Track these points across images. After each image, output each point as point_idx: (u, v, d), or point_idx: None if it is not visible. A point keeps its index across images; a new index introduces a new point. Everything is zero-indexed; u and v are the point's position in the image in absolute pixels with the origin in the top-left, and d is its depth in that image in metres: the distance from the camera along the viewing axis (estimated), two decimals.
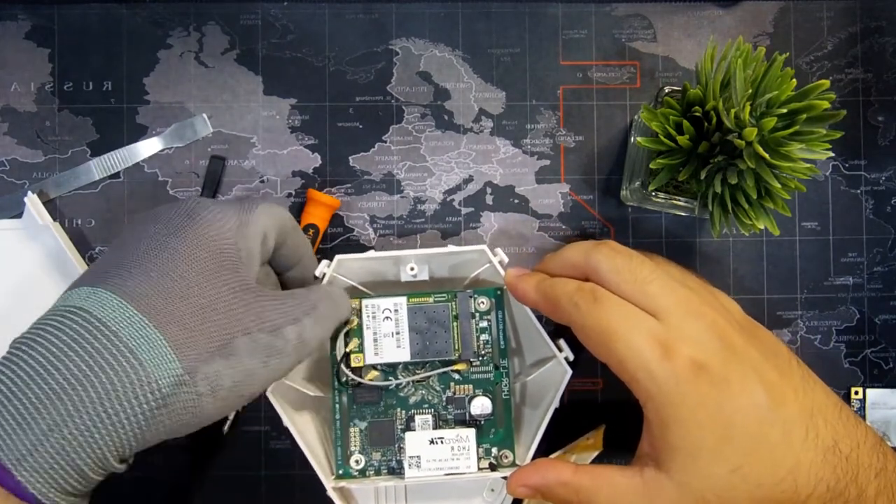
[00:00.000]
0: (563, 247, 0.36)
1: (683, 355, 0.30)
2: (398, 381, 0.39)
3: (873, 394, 0.44)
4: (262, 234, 0.34)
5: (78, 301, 0.28)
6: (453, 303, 0.39)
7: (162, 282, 0.29)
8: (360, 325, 0.39)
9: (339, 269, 0.39)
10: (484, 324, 0.39)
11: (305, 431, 0.39)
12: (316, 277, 0.38)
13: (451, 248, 0.39)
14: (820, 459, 0.30)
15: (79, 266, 0.42)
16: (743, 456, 0.30)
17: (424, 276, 0.40)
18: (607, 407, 0.44)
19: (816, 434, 0.30)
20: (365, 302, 0.39)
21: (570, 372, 0.38)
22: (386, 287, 0.41)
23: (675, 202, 0.40)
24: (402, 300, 0.39)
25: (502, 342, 0.39)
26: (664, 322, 0.31)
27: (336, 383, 0.39)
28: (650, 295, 0.32)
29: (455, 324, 0.39)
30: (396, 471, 0.39)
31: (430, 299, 0.39)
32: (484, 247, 0.38)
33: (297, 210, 0.44)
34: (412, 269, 0.39)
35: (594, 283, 0.33)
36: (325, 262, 0.39)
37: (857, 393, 0.44)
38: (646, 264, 0.33)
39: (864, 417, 0.44)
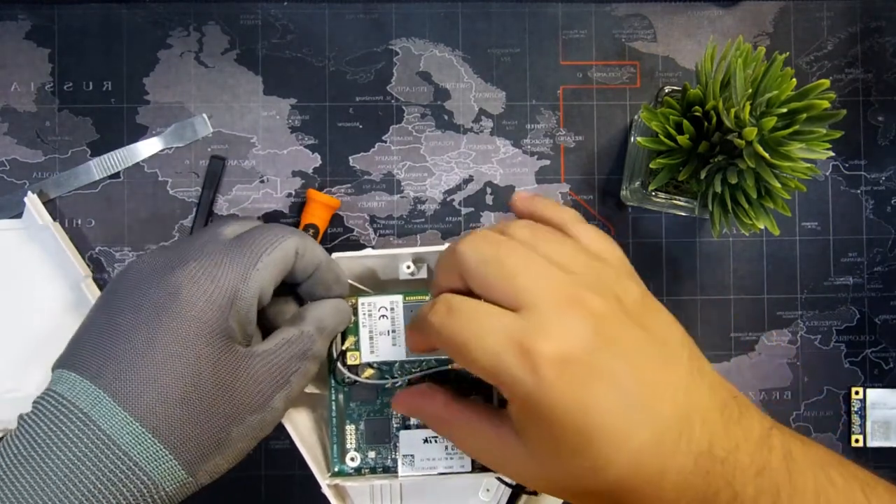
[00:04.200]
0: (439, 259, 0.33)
1: (544, 353, 0.27)
2: (394, 380, 0.39)
3: (873, 394, 0.44)
4: (259, 293, 0.32)
5: (84, 405, 0.28)
6: None
7: (159, 387, 0.29)
8: (356, 323, 0.39)
9: None
10: None
11: (301, 429, 0.39)
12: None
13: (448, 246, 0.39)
14: (690, 465, 0.27)
15: (79, 266, 0.42)
16: (604, 456, 0.27)
17: (423, 275, 0.40)
18: None
19: (690, 438, 0.28)
20: (361, 300, 0.38)
21: None
22: (384, 285, 0.41)
23: (675, 202, 0.40)
24: (398, 298, 0.39)
25: None
26: (528, 317, 0.28)
27: (332, 381, 0.39)
28: (517, 288, 0.28)
29: None
30: (392, 469, 0.39)
31: (427, 298, 0.39)
32: None
33: (297, 210, 0.44)
34: (409, 267, 0.39)
35: (447, 294, 0.30)
36: None
37: (857, 393, 0.44)
38: (516, 251, 0.29)
39: (864, 417, 0.44)
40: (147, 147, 0.43)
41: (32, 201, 0.42)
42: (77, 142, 0.43)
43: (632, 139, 0.41)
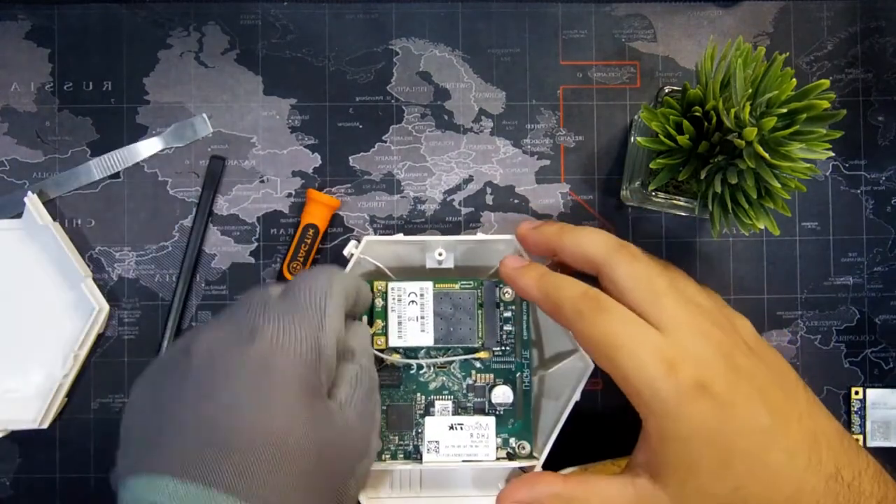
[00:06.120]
0: (581, 229, 0.35)
1: (687, 374, 0.30)
2: (419, 362, 0.39)
3: (873, 394, 0.44)
4: (337, 338, 0.31)
5: None
6: (479, 291, 0.39)
7: (279, 472, 0.26)
8: (385, 308, 0.39)
9: (366, 251, 0.40)
10: (508, 314, 0.40)
11: None
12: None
13: (481, 235, 0.40)
14: (822, 486, 0.29)
15: (79, 267, 0.42)
16: (743, 477, 0.29)
17: (450, 264, 0.40)
18: (608, 408, 0.44)
19: (819, 460, 0.30)
20: (391, 285, 0.39)
21: (591, 367, 0.38)
22: (410, 273, 0.41)
23: (675, 202, 0.40)
24: (429, 285, 0.39)
25: (525, 333, 0.40)
26: (670, 338, 0.31)
27: None
28: (662, 307, 0.31)
29: (480, 312, 0.39)
30: (413, 455, 0.39)
31: (457, 286, 0.39)
32: (512, 237, 0.39)
33: (298, 210, 0.44)
34: (440, 254, 0.40)
35: (598, 291, 0.33)
36: (353, 242, 0.39)
37: (857, 393, 0.44)
38: (662, 276, 0.33)
39: (864, 417, 0.44)
40: (147, 147, 0.43)
41: (32, 201, 0.42)
42: (77, 142, 0.43)
43: (632, 139, 0.41)
